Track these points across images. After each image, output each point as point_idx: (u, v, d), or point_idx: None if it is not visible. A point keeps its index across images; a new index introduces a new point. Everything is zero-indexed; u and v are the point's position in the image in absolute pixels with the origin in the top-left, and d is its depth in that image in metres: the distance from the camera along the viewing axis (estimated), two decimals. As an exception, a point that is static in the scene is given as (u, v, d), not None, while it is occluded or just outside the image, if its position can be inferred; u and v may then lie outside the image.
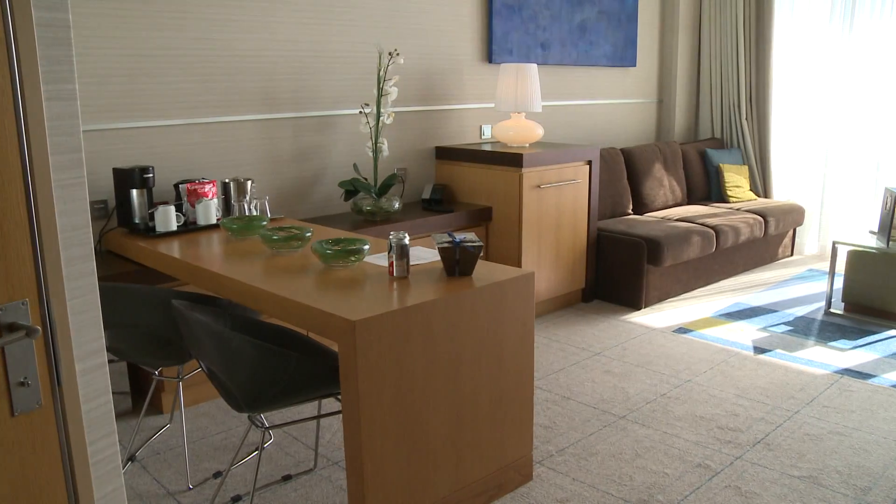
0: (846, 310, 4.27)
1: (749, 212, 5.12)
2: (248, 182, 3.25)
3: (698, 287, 4.81)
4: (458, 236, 2.31)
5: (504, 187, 4.01)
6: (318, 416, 2.23)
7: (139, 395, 3.20)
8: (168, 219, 2.97)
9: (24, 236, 1.07)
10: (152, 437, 2.87)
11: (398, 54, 3.79)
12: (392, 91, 3.73)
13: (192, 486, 2.51)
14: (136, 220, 3.03)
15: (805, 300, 4.55)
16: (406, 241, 2.23)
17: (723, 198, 5.54)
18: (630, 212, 5.08)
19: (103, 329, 1.19)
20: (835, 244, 4.29)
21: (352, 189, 3.76)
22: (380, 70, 3.73)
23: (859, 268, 4.18)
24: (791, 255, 5.68)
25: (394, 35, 4.04)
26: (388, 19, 3.99)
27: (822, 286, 4.84)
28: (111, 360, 2.89)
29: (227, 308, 2.48)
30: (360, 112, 3.95)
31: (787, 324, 4.11)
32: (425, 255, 2.52)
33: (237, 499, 2.44)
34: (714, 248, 4.65)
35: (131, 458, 2.70)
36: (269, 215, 3.16)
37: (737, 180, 5.55)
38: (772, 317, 4.23)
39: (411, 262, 2.42)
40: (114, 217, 3.19)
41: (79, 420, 1.17)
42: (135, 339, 2.42)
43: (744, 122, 5.78)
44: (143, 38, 3.16)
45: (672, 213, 5.04)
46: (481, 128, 4.61)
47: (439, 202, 4.14)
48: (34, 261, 1.08)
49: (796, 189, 5.77)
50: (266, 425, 2.17)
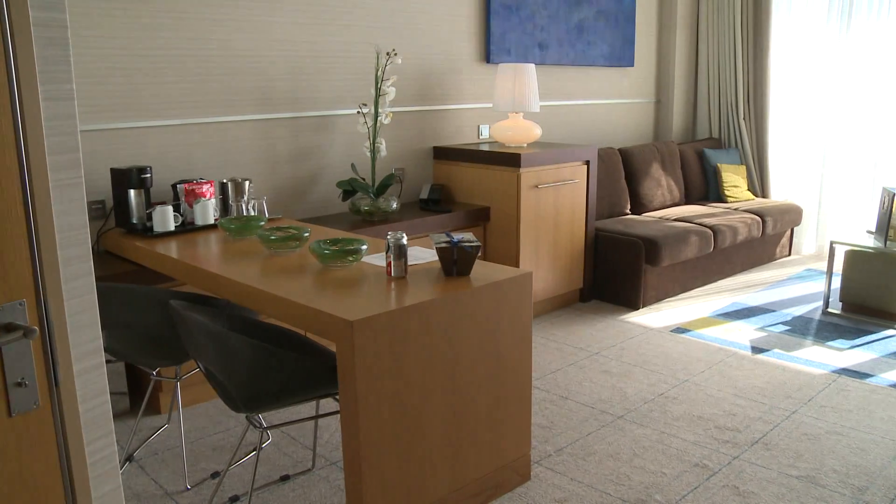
0: (844, 309, 4.27)
1: (747, 212, 5.12)
2: (246, 182, 3.25)
3: (696, 287, 4.81)
4: (456, 236, 2.31)
5: (502, 187, 4.01)
6: (316, 417, 2.23)
7: (137, 395, 3.19)
8: (166, 219, 2.97)
9: (21, 236, 1.06)
10: (150, 437, 2.87)
11: (396, 54, 3.79)
12: (390, 91, 3.73)
13: (189, 487, 2.51)
14: (134, 221, 3.03)
15: (803, 300, 4.55)
16: (404, 241, 2.23)
17: (720, 198, 5.55)
18: (628, 212, 5.08)
19: (101, 329, 1.19)
20: (832, 244, 4.29)
21: (350, 189, 3.76)
22: (378, 70, 3.73)
23: (857, 267, 4.18)
24: (789, 254, 5.69)
25: (392, 35, 4.04)
26: (386, 19, 3.99)
27: (819, 286, 4.85)
28: (109, 361, 2.89)
29: (224, 308, 2.48)
30: (358, 112, 3.95)
31: (784, 323, 4.12)
32: (423, 255, 2.52)
33: (235, 499, 2.43)
34: (712, 248, 4.66)
35: (129, 459, 2.69)
36: (266, 215, 3.16)
37: (734, 180, 5.55)
38: (769, 316, 4.24)
39: (409, 262, 2.42)
40: (111, 217, 3.19)
41: (76, 420, 1.16)
42: (132, 339, 2.42)
43: (741, 121, 5.79)
44: (141, 38, 3.16)
45: (670, 213, 5.05)
46: (479, 128, 4.62)
47: (437, 202, 4.14)
48: (31, 261, 1.08)
49: (794, 189, 5.78)
50: (264, 425, 2.17)
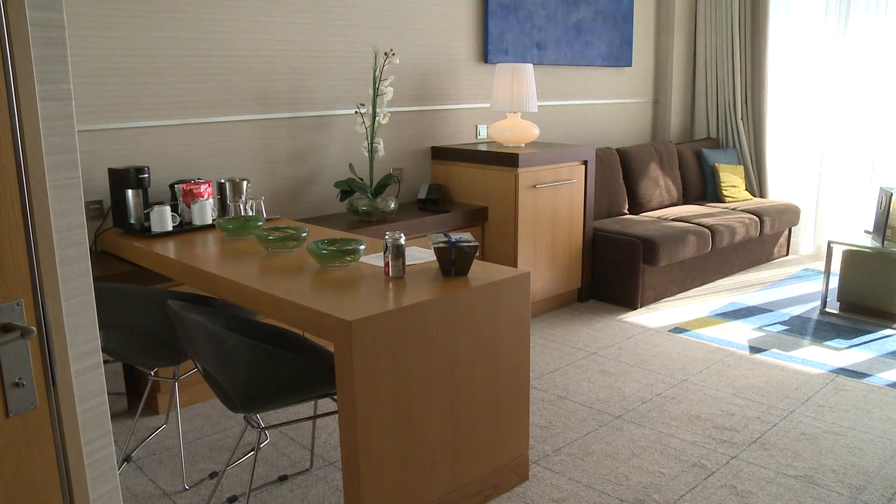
0: (841, 309, 4.28)
1: (745, 211, 5.13)
2: (244, 182, 3.25)
3: (694, 287, 4.82)
4: (454, 236, 2.31)
5: (500, 187, 4.01)
6: (314, 417, 2.23)
7: (135, 395, 3.19)
8: (164, 219, 2.96)
9: (18, 237, 1.06)
10: (148, 437, 2.86)
11: (394, 54, 3.79)
12: (388, 91, 3.73)
13: (187, 487, 2.51)
14: (132, 221, 3.03)
15: (800, 300, 4.56)
16: (402, 241, 2.23)
17: (718, 197, 5.55)
18: (626, 212, 5.08)
19: (99, 329, 1.19)
20: (830, 244, 4.30)
21: (348, 189, 3.76)
22: (375, 70, 3.73)
23: (854, 267, 4.19)
24: (786, 254, 5.70)
25: (390, 35, 4.04)
26: (383, 19, 3.99)
27: (817, 286, 4.85)
28: (107, 361, 2.88)
29: (222, 308, 2.48)
30: (356, 112, 3.95)
31: (782, 323, 4.12)
32: (421, 255, 2.52)
33: (233, 499, 2.43)
34: (710, 248, 4.66)
35: (127, 459, 2.69)
36: (264, 215, 3.16)
37: (732, 180, 5.56)
38: (767, 316, 4.24)
39: (407, 263, 2.42)
40: (109, 217, 3.19)
41: (74, 421, 1.16)
42: (130, 339, 2.42)
43: (739, 121, 5.79)
44: (139, 38, 3.15)
45: (668, 213, 5.05)
46: (477, 128, 4.62)
47: (435, 202, 4.14)
48: (29, 261, 1.08)
49: (792, 189, 5.79)
50: (262, 426, 2.17)
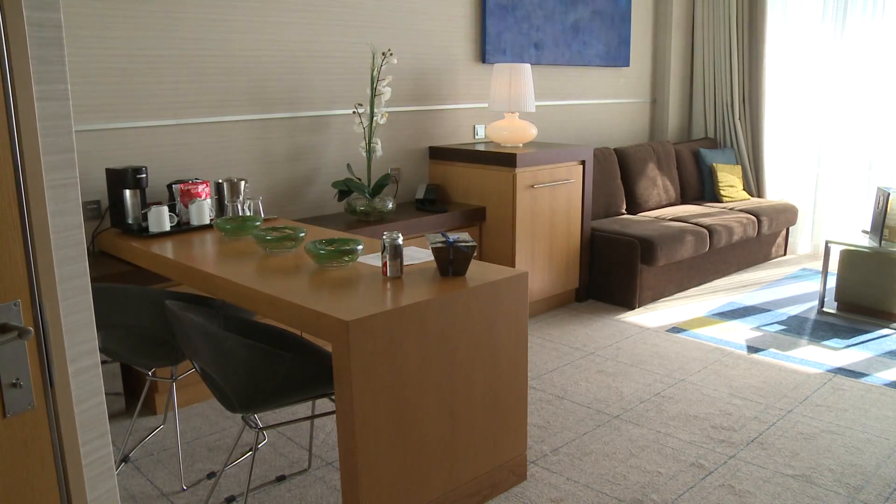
0: (839, 309, 4.28)
1: (742, 211, 5.13)
2: (242, 182, 3.25)
3: (692, 287, 4.82)
4: (452, 236, 2.31)
5: (498, 187, 4.01)
6: (312, 417, 2.23)
7: (132, 395, 3.19)
8: (161, 219, 2.96)
9: (16, 237, 1.06)
10: (146, 437, 2.86)
11: (392, 54, 3.79)
12: (385, 91, 3.73)
13: (185, 487, 2.51)
14: (130, 221, 3.02)
15: (798, 299, 4.56)
16: (400, 241, 2.23)
17: (716, 197, 5.56)
18: (624, 211, 5.09)
19: (96, 330, 1.19)
20: (828, 243, 4.30)
21: (345, 189, 3.75)
22: (373, 70, 3.73)
23: (852, 267, 4.19)
24: (784, 254, 5.70)
25: (387, 35, 4.04)
26: (381, 19, 3.99)
27: (815, 285, 4.86)
28: (104, 361, 2.88)
29: (220, 308, 2.48)
30: (354, 112, 3.95)
31: (780, 323, 4.13)
32: (419, 255, 2.52)
33: (231, 499, 2.43)
34: (707, 248, 4.66)
35: (125, 460, 2.69)
36: (262, 215, 3.15)
37: (730, 180, 5.56)
38: (765, 316, 4.25)
39: (405, 263, 2.42)
40: (107, 217, 3.18)
41: (72, 421, 1.16)
42: (128, 339, 2.42)
43: (737, 121, 5.80)
44: (137, 38, 3.15)
45: (665, 213, 5.06)
46: (475, 128, 4.62)
47: (433, 202, 4.14)
48: (26, 262, 1.08)
49: (789, 188, 5.80)
50: (260, 426, 2.17)
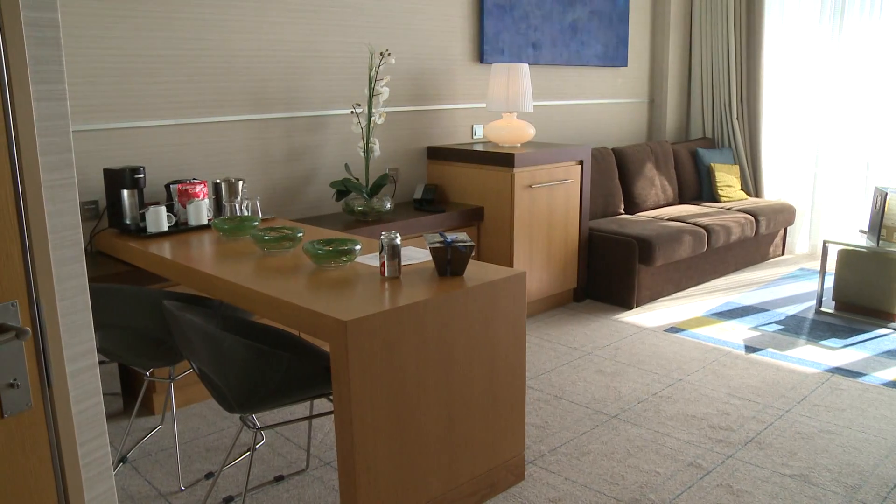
0: (837, 308, 4.29)
1: (740, 211, 5.14)
2: (240, 182, 3.25)
3: (690, 286, 4.82)
4: (450, 236, 2.31)
5: (495, 187, 4.01)
6: (310, 417, 2.23)
7: (130, 396, 3.19)
8: (159, 219, 2.96)
9: (13, 237, 1.06)
10: (144, 438, 2.86)
11: (389, 54, 3.79)
12: (383, 91, 3.73)
13: (183, 488, 2.51)
14: (127, 221, 3.02)
15: (796, 299, 4.57)
16: (397, 241, 2.23)
17: (714, 197, 5.57)
18: (621, 211, 5.09)
19: (94, 330, 1.18)
20: (825, 243, 4.31)
21: (343, 189, 3.75)
22: (371, 70, 3.73)
23: (850, 267, 4.20)
24: (782, 254, 5.71)
25: (385, 35, 4.04)
26: (379, 19, 3.99)
27: (812, 285, 4.86)
28: (102, 362, 2.88)
29: (218, 309, 2.48)
30: (352, 112, 3.95)
31: (778, 323, 4.13)
32: (417, 255, 2.52)
33: (229, 500, 2.43)
34: (705, 248, 4.67)
35: (122, 460, 2.69)
36: (260, 216, 3.15)
37: (728, 180, 5.57)
38: (763, 316, 4.25)
39: (403, 263, 2.42)
40: (104, 218, 3.18)
41: (69, 421, 1.16)
42: (126, 339, 2.41)
43: (735, 121, 5.81)
44: (134, 38, 3.15)
45: (663, 213, 5.06)
46: (473, 128, 4.62)
47: (431, 202, 4.14)
48: (24, 262, 1.08)
49: (787, 188, 5.80)
50: (258, 426, 2.16)
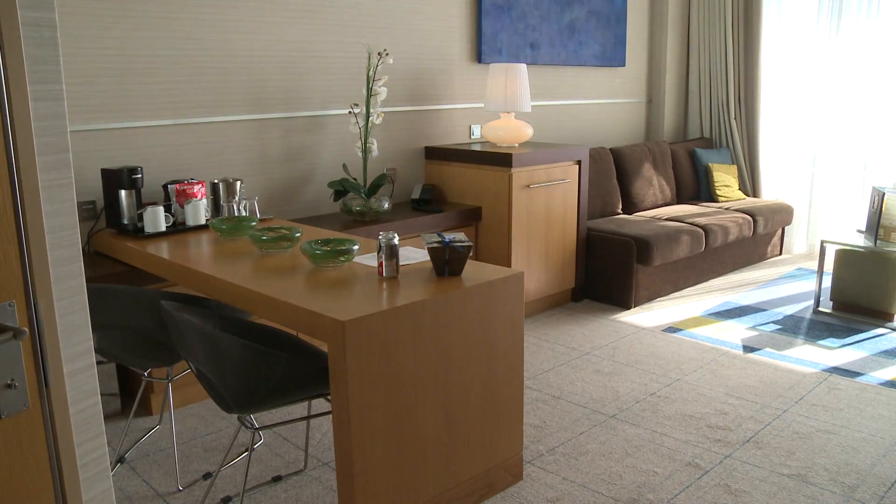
0: (835, 308, 4.29)
1: (738, 211, 5.14)
2: (238, 182, 3.24)
3: (688, 286, 4.83)
4: (448, 236, 2.31)
5: (494, 187, 4.01)
6: (308, 417, 2.23)
7: (128, 396, 3.18)
8: (157, 219, 2.96)
9: (10, 237, 1.06)
10: (141, 438, 2.86)
11: (387, 54, 3.79)
12: (381, 91, 3.72)
13: (181, 488, 2.51)
14: (125, 221, 3.02)
15: (794, 299, 4.57)
16: (395, 241, 2.23)
17: (712, 197, 5.57)
18: (619, 211, 5.09)
19: (92, 330, 1.18)
20: (823, 243, 4.31)
21: (341, 189, 3.75)
22: (369, 70, 3.73)
23: (847, 266, 4.21)
24: (780, 254, 5.72)
25: (383, 35, 4.04)
26: (377, 19, 3.99)
27: (810, 285, 4.87)
28: (100, 362, 2.87)
29: (216, 309, 2.48)
30: (350, 112, 3.94)
31: (775, 322, 4.14)
32: (415, 255, 2.52)
33: (227, 500, 2.43)
34: (703, 248, 4.67)
35: (120, 460, 2.68)
36: (258, 216, 3.15)
37: (726, 180, 5.57)
38: (761, 316, 4.26)
39: (401, 263, 2.42)
40: (102, 218, 3.18)
41: (67, 422, 1.16)
42: (124, 340, 2.41)
43: (732, 121, 5.81)
44: (133, 38, 3.15)
45: (661, 213, 5.06)
46: (471, 128, 4.62)
47: (429, 202, 4.14)
48: (21, 262, 1.08)
49: (785, 188, 5.81)
50: (256, 426, 2.16)
